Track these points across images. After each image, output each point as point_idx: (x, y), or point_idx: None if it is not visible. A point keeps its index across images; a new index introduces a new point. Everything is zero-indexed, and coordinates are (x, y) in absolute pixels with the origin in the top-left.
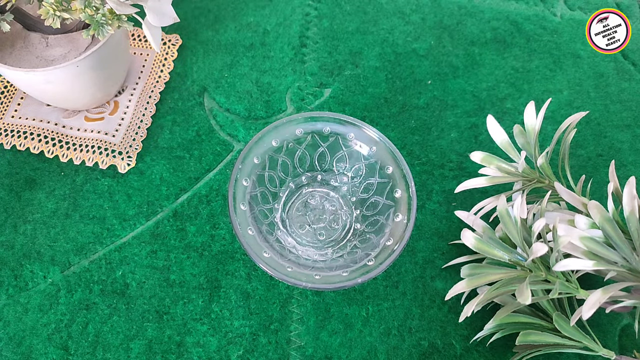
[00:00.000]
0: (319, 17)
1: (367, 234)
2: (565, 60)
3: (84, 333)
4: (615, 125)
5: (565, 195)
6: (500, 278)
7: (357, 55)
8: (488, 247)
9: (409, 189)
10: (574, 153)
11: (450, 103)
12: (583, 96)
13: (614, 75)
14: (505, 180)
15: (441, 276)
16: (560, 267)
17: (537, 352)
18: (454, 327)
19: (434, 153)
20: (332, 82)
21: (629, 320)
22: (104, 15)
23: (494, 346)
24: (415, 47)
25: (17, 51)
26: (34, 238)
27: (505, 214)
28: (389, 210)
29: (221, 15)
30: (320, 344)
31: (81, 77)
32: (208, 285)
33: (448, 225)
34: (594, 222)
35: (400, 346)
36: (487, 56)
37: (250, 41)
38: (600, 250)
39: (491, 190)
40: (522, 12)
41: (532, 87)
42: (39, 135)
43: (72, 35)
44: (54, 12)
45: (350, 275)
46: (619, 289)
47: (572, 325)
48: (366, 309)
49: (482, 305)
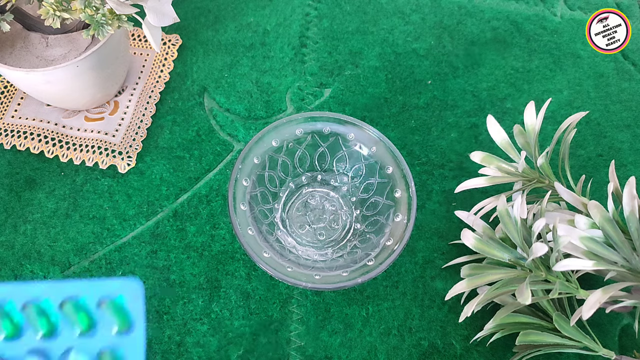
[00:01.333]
0: (319, 17)
1: (367, 234)
2: (565, 60)
3: None
4: (615, 125)
5: (565, 195)
6: (500, 278)
7: (357, 55)
8: (488, 247)
9: (409, 189)
10: (574, 153)
11: (451, 103)
12: (583, 96)
13: (614, 75)
14: (505, 181)
15: (441, 276)
16: (560, 267)
17: (537, 352)
18: (454, 327)
19: (434, 153)
20: (332, 82)
21: (629, 320)
22: (104, 15)
23: (494, 346)
24: (415, 47)
25: (17, 51)
26: (34, 238)
27: (505, 214)
28: (389, 210)
29: (221, 15)
30: (320, 344)
31: (81, 77)
32: (208, 285)
33: (448, 225)
34: (594, 222)
35: (400, 346)
36: (487, 56)
37: (251, 41)
38: (600, 250)
39: (491, 190)
40: (522, 12)
41: (532, 87)
42: (39, 135)
43: (72, 35)
44: (54, 12)
45: (350, 275)
46: (619, 289)
47: (572, 325)
48: (366, 309)
49: (482, 305)
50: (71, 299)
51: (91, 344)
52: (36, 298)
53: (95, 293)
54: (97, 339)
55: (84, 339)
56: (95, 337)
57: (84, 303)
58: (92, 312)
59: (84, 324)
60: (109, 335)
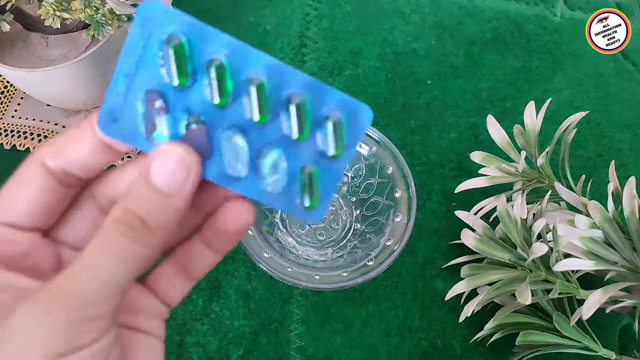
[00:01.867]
0: (319, 17)
1: (367, 234)
2: (566, 60)
3: None
4: (616, 125)
5: (565, 195)
6: (500, 278)
7: (357, 55)
8: (488, 247)
9: (409, 189)
10: (574, 153)
11: (451, 103)
12: (583, 96)
13: (614, 75)
14: (505, 181)
15: (441, 276)
16: (561, 267)
17: (537, 352)
18: (454, 327)
19: (434, 153)
20: (332, 83)
21: (629, 320)
22: (104, 15)
23: (494, 346)
24: (416, 47)
25: (17, 51)
26: None
27: (505, 214)
28: (389, 210)
29: (221, 15)
30: (321, 344)
31: (81, 77)
32: (208, 285)
33: (448, 225)
34: (594, 222)
35: (400, 346)
36: (487, 56)
37: (250, 41)
38: (600, 250)
39: (491, 190)
40: (522, 12)
41: (532, 87)
42: (39, 135)
43: (72, 35)
44: (54, 12)
45: (350, 275)
46: (619, 289)
47: (572, 325)
48: (366, 309)
49: (482, 305)
50: None
51: None
52: None
53: None
54: None
55: None
56: None
57: None
58: None
59: None
60: None
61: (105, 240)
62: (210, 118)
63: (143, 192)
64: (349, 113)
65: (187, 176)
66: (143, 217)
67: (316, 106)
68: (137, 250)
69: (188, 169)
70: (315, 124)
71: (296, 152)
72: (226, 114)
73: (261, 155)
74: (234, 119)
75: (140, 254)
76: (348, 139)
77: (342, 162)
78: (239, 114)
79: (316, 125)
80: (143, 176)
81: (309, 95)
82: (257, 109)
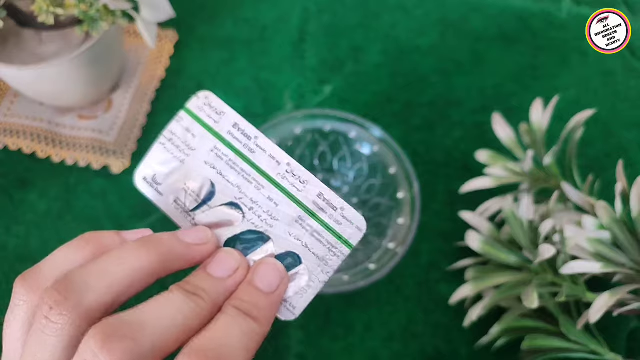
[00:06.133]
0: (319, 12)
1: (369, 237)
2: (572, 57)
3: None
4: (624, 124)
5: (573, 196)
6: (506, 281)
7: (359, 51)
8: (494, 250)
9: (412, 190)
10: (581, 152)
11: (455, 101)
12: (590, 94)
13: (622, 73)
14: (512, 180)
15: (446, 279)
16: (568, 269)
17: (543, 356)
18: (459, 332)
19: (438, 152)
20: (332, 79)
21: (637, 324)
22: (98, 10)
23: (499, 351)
24: (419, 43)
25: (10, 48)
26: (27, 240)
27: (511, 215)
28: (391, 212)
29: (218, 10)
30: (321, 350)
31: (74, 75)
32: None
33: (453, 226)
34: (601, 223)
35: (403, 352)
36: (492, 53)
37: (248, 36)
38: (607, 252)
39: (497, 191)
40: (528, 8)
41: (538, 85)
42: (32, 134)
43: (66, 32)
44: (48, 8)
45: (351, 279)
46: (626, 291)
47: (578, 329)
48: (368, 314)
49: (488, 309)
50: None
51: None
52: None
53: None
54: None
55: None
56: None
57: None
58: None
59: None
60: None
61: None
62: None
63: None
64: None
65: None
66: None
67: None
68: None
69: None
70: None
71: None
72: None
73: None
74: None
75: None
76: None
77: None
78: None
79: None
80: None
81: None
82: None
